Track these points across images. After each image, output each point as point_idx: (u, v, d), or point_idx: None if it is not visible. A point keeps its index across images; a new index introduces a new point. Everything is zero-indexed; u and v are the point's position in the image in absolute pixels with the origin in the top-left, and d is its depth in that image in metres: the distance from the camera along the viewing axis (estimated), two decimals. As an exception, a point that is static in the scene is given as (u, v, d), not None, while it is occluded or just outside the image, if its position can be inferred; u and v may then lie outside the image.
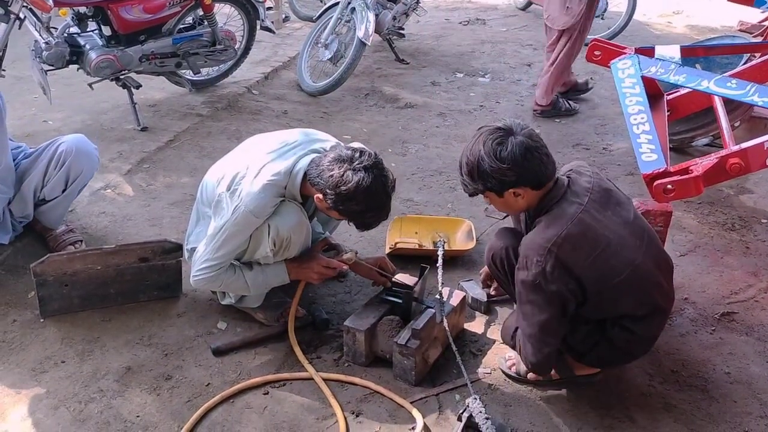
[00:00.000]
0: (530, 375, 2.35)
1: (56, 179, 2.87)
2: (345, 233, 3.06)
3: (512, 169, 2.05)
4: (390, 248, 3.02)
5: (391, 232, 3.13)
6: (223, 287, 2.52)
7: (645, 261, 2.14)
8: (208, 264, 2.42)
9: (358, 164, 2.25)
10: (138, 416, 2.21)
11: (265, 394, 2.31)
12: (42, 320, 2.61)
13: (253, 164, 2.39)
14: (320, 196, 2.32)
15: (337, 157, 2.29)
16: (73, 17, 4.07)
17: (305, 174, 2.36)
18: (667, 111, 3.30)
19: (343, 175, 2.24)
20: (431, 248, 2.98)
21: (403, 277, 2.62)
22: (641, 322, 2.17)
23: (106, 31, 4.10)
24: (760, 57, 3.43)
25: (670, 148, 3.15)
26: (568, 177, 2.19)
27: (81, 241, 3.03)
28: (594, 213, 2.09)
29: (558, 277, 2.03)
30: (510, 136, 2.07)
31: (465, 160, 2.14)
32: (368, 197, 2.26)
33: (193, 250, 2.63)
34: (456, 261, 3.06)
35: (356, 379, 2.36)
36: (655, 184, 2.58)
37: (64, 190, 2.92)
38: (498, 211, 2.72)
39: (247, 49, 5.01)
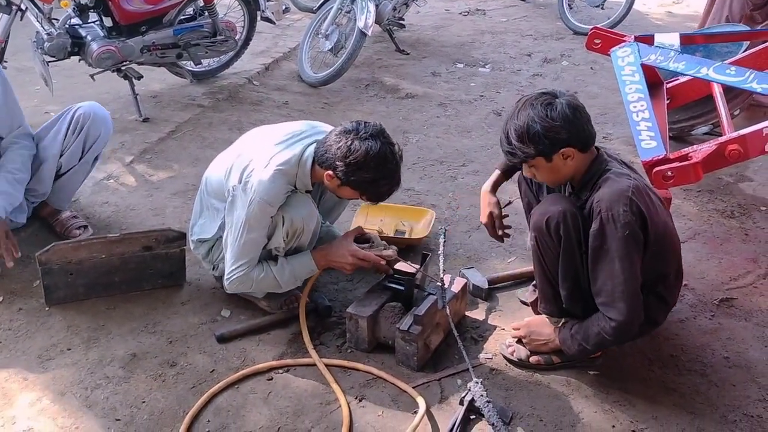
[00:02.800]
0: (532, 359, 2.38)
1: (75, 145, 2.91)
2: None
3: (564, 127, 2.10)
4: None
5: (357, 218, 3.16)
6: (255, 286, 2.51)
7: (672, 221, 2.29)
8: (238, 263, 2.43)
9: (363, 133, 2.29)
10: (144, 402, 2.24)
11: (269, 380, 2.34)
12: (47, 308, 2.63)
13: (261, 155, 2.40)
14: (330, 173, 2.33)
15: (342, 130, 2.32)
16: (74, 8, 4.08)
17: (314, 160, 2.38)
18: (667, 99, 3.32)
19: (351, 144, 2.27)
20: (391, 235, 3.03)
21: (405, 265, 2.64)
22: (671, 286, 2.29)
23: (108, 22, 4.11)
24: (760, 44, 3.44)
25: (669, 136, 3.17)
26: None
27: (86, 225, 3.07)
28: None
29: (640, 226, 2.08)
30: (556, 98, 2.13)
31: (513, 126, 2.14)
32: (378, 164, 2.29)
33: (198, 241, 2.65)
34: (456, 248, 3.08)
35: (359, 365, 2.38)
36: (654, 170, 2.59)
37: (81, 158, 2.95)
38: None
39: (247, 40, 5.02)
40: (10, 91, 2.82)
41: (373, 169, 2.30)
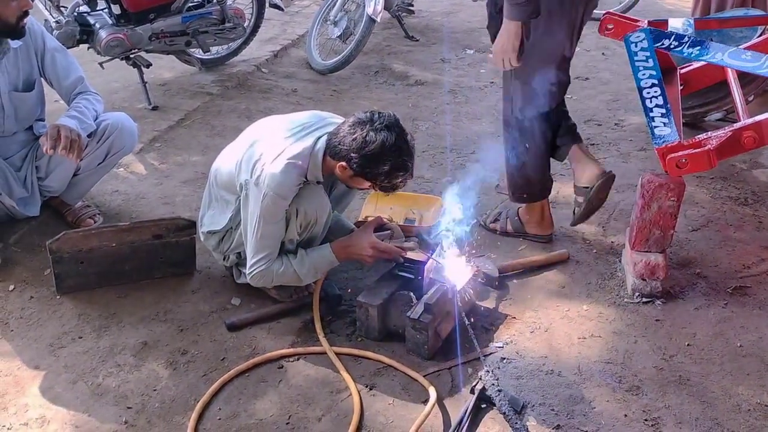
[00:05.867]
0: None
1: (97, 153, 2.91)
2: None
3: None
4: (359, 221, 3.00)
5: (366, 206, 3.13)
6: (276, 280, 2.49)
7: None
8: (257, 257, 2.42)
9: (378, 124, 2.27)
10: (155, 390, 2.24)
11: (279, 368, 2.34)
12: (58, 297, 2.64)
13: (272, 148, 2.39)
14: (343, 164, 2.32)
15: (356, 121, 2.31)
16: (82, -4, 4.07)
17: (325, 152, 2.36)
18: (680, 85, 3.27)
19: (366, 136, 2.25)
20: (401, 223, 2.96)
21: (416, 253, 2.63)
22: None
23: (116, 9, 4.09)
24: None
25: (683, 123, 3.12)
26: None
27: (98, 214, 3.07)
28: None
29: None
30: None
31: None
32: (395, 155, 2.28)
33: (208, 233, 2.64)
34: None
35: (369, 354, 2.38)
36: (668, 157, 2.55)
37: (100, 163, 2.96)
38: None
39: (256, 27, 4.98)
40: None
41: (389, 161, 2.28)
